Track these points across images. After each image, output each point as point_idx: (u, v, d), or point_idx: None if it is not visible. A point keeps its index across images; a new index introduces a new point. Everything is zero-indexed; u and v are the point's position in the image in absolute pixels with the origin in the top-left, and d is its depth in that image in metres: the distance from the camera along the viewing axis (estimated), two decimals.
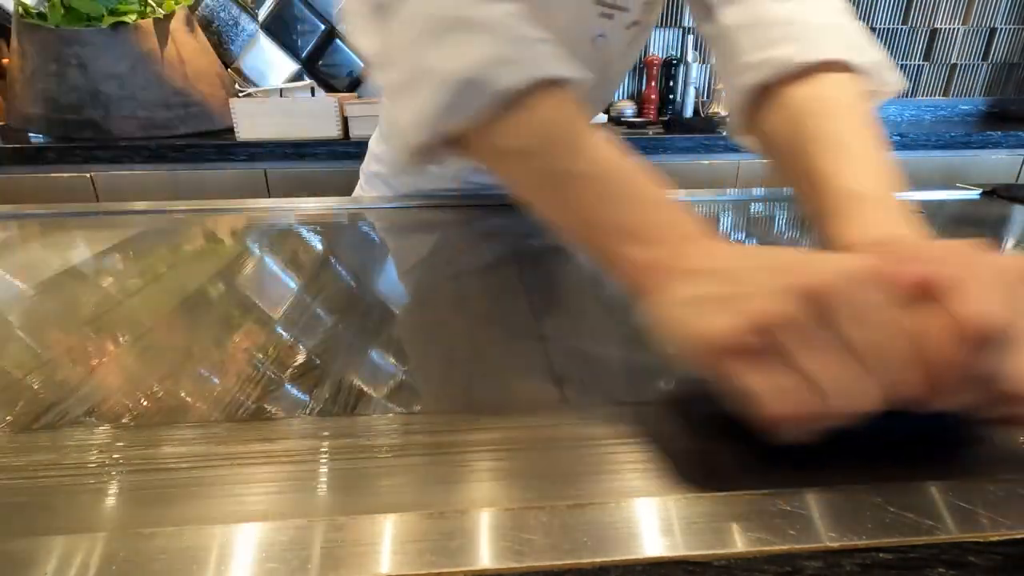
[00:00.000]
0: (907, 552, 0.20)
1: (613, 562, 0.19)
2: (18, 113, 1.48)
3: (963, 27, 2.08)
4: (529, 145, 0.32)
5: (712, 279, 0.25)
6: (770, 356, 0.22)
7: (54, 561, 0.19)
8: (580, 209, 0.31)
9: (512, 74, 0.32)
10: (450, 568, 0.19)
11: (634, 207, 0.30)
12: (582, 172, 0.31)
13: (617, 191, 0.30)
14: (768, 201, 0.80)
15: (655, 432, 0.27)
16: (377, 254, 0.59)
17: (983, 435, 0.26)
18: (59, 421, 0.28)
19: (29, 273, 0.52)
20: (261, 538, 0.20)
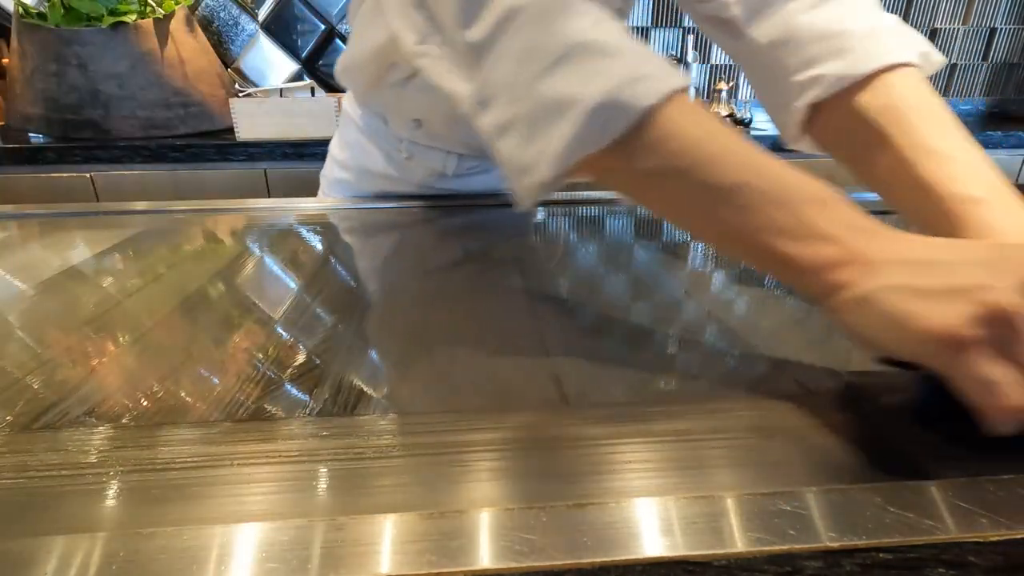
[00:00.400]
0: (907, 552, 0.20)
1: (613, 562, 0.19)
2: (18, 113, 1.48)
3: (963, 27, 2.08)
4: (675, 164, 0.32)
5: (926, 271, 0.26)
6: (998, 348, 0.24)
7: (54, 561, 0.19)
8: (738, 219, 0.30)
9: (649, 90, 0.31)
10: (450, 568, 0.19)
11: (802, 208, 0.30)
12: (740, 181, 0.30)
13: (774, 195, 0.30)
14: None
15: (655, 432, 0.27)
16: (377, 254, 0.59)
17: None
18: (59, 421, 0.28)
19: (29, 273, 0.52)
20: (261, 538, 0.20)
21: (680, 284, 0.48)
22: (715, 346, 0.36)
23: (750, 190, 0.30)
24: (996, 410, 0.23)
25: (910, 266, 0.27)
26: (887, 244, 0.28)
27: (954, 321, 0.24)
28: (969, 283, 0.25)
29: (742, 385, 0.32)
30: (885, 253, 0.28)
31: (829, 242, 0.29)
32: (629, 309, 0.43)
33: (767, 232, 0.30)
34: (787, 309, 0.42)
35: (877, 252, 0.28)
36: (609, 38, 0.33)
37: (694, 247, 0.59)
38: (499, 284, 0.49)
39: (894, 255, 0.28)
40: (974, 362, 0.24)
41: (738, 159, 0.31)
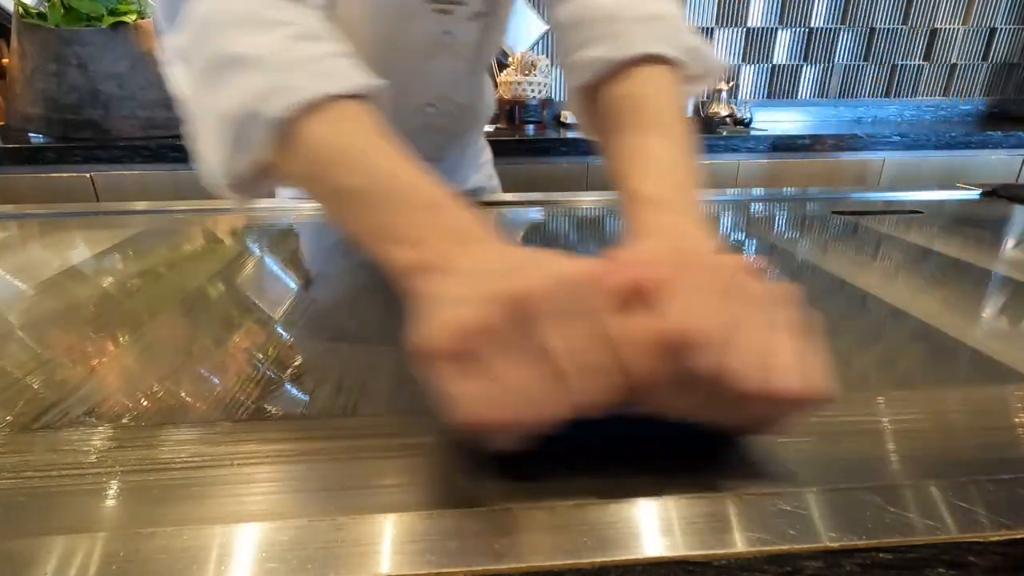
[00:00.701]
0: (907, 552, 0.20)
1: (613, 562, 0.19)
2: (18, 113, 1.48)
3: (963, 27, 2.08)
4: (309, 169, 0.33)
5: (457, 282, 0.25)
6: (474, 362, 0.22)
7: (54, 561, 0.19)
8: (359, 220, 0.31)
9: (280, 102, 0.32)
10: (450, 568, 0.19)
11: (402, 211, 0.29)
12: (356, 186, 0.31)
13: (389, 198, 0.30)
14: (768, 201, 0.80)
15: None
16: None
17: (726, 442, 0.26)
18: (59, 421, 0.28)
19: (29, 273, 0.52)
20: (261, 538, 0.20)
21: None
22: None
23: (367, 194, 0.30)
24: (461, 426, 0.22)
25: (461, 276, 0.25)
26: (467, 254, 0.27)
27: (426, 335, 0.23)
28: (462, 295, 0.23)
29: None
30: (457, 262, 0.26)
31: (415, 247, 0.28)
32: None
33: (375, 235, 0.30)
34: None
35: (451, 260, 0.26)
36: (265, 47, 0.34)
37: None
38: None
39: (464, 265, 0.26)
40: (439, 376, 0.22)
41: (363, 164, 0.31)
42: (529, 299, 0.22)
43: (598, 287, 0.23)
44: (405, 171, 0.31)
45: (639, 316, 0.22)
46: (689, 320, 0.22)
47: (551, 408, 0.22)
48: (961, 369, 0.34)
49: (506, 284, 0.22)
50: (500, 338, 0.22)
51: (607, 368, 0.22)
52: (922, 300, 0.43)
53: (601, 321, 0.22)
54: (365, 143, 0.32)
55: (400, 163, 0.31)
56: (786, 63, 2.11)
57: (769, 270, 0.27)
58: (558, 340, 0.22)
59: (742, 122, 1.93)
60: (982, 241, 0.59)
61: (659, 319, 0.22)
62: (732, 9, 2.00)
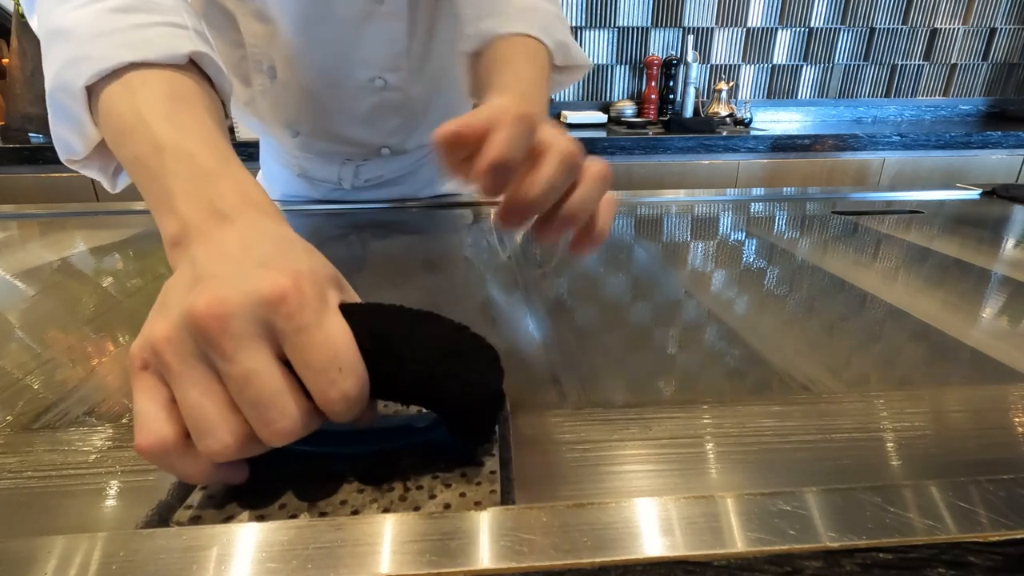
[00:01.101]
0: (907, 552, 0.20)
1: (613, 562, 0.19)
2: (18, 113, 1.48)
3: (963, 27, 2.08)
4: (109, 138, 0.33)
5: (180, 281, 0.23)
6: (160, 381, 0.21)
7: (54, 561, 0.19)
8: (144, 189, 0.30)
9: (83, 71, 0.32)
10: (450, 568, 0.19)
11: (174, 180, 0.28)
12: (140, 154, 0.30)
13: (164, 166, 0.29)
14: (768, 201, 0.80)
15: (655, 432, 0.27)
16: (378, 253, 0.59)
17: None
18: (59, 421, 0.28)
19: (29, 273, 0.52)
20: (261, 538, 0.20)
21: (680, 284, 0.48)
22: (715, 346, 0.36)
23: (149, 162, 0.29)
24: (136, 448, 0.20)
25: (197, 266, 0.23)
26: (220, 234, 0.25)
27: (137, 342, 0.21)
28: (170, 299, 0.22)
29: (742, 385, 0.32)
30: (208, 244, 0.24)
31: (176, 217, 0.27)
32: (629, 309, 0.43)
33: (152, 204, 0.29)
34: (787, 309, 0.42)
35: (205, 239, 0.25)
36: (78, 22, 0.34)
37: (694, 247, 0.59)
38: (499, 284, 0.49)
39: (211, 249, 0.24)
40: (136, 388, 0.21)
41: (146, 132, 0.30)
42: (211, 320, 0.20)
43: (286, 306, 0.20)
44: (187, 139, 0.30)
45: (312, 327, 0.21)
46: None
47: (220, 441, 0.20)
48: (961, 369, 0.34)
49: (199, 300, 0.20)
50: (178, 357, 0.20)
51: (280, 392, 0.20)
52: (922, 300, 0.43)
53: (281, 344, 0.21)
54: (153, 111, 0.31)
55: (184, 132, 0.30)
56: (786, 63, 2.11)
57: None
58: (231, 369, 0.20)
59: (742, 122, 1.93)
60: (982, 241, 0.59)
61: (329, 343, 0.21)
62: (732, 9, 2.00)
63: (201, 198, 0.27)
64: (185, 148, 0.29)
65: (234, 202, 0.27)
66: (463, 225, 0.69)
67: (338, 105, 0.68)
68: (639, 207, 0.77)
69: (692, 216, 0.72)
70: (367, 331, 0.22)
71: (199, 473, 0.21)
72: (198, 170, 0.28)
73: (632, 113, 2.01)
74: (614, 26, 2.00)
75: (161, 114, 0.31)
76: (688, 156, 1.64)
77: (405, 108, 0.70)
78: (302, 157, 0.75)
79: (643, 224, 0.69)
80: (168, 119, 0.31)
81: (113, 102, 0.32)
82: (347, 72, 0.65)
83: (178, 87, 0.33)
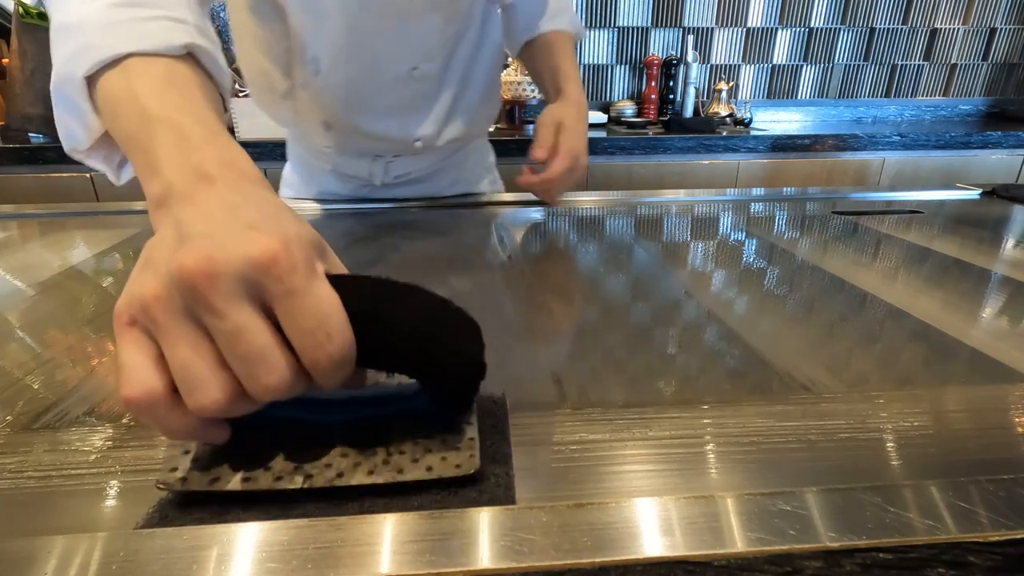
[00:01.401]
0: (907, 552, 0.20)
1: (613, 562, 0.19)
2: (18, 113, 1.48)
3: (963, 27, 2.08)
4: (107, 123, 0.34)
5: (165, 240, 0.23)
6: (147, 337, 0.21)
7: (54, 561, 0.19)
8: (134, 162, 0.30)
9: (84, 61, 0.34)
10: (450, 568, 0.19)
11: (160, 146, 0.28)
12: (131, 130, 0.31)
13: (153, 137, 0.29)
14: (768, 201, 0.80)
15: (655, 432, 0.27)
16: (376, 253, 0.59)
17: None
18: (59, 421, 0.28)
19: (29, 273, 0.52)
20: (261, 538, 0.20)
21: (680, 284, 0.48)
22: (715, 346, 0.36)
23: (139, 135, 0.30)
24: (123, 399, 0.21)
25: (167, 232, 0.23)
26: (204, 196, 0.25)
27: (123, 299, 0.22)
28: (156, 257, 0.22)
29: (742, 385, 0.32)
30: (192, 204, 0.25)
31: (159, 178, 0.27)
32: (629, 309, 0.43)
33: (140, 172, 0.29)
34: (787, 309, 0.42)
35: (189, 200, 0.25)
36: (83, 16, 0.35)
37: (694, 247, 0.59)
38: (499, 284, 0.49)
39: (196, 210, 0.24)
40: (121, 345, 0.21)
41: (137, 109, 0.31)
42: (201, 277, 0.20)
43: (277, 268, 0.21)
44: (177, 112, 0.30)
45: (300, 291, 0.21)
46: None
47: (209, 395, 0.20)
48: (961, 369, 0.34)
49: (188, 258, 0.20)
50: (168, 314, 0.21)
51: (268, 348, 0.21)
52: (922, 300, 0.43)
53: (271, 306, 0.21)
54: (146, 89, 0.32)
55: (174, 106, 0.31)
56: (786, 63, 2.11)
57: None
58: (221, 325, 0.20)
59: (742, 122, 1.93)
60: (982, 241, 0.59)
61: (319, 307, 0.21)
62: (732, 9, 2.00)
63: (186, 163, 0.27)
64: (174, 119, 0.30)
65: (219, 166, 0.27)
66: (472, 224, 0.69)
67: (375, 97, 0.70)
68: (639, 207, 0.77)
69: (692, 216, 0.72)
70: (355, 299, 0.22)
71: (184, 427, 0.21)
72: (184, 137, 0.29)
73: (632, 113, 2.01)
74: (614, 26, 2.00)
75: (153, 92, 0.32)
76: (688, 156, 1.64)
77: (437, 100, 0.73)
78: (334, 152, 0.77)
79: (643, 224, 0.69)
80: (159, 96, 0.32)
81: (110, 86, 0.33)
82: (388, 62, 0.67)
83: (174, 73, 0.34)
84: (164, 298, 0.21)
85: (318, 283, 0.22)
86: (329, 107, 0.70)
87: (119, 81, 0.33)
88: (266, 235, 0.22)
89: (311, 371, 0.22)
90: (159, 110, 0.30)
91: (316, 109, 0.71)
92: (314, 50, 0.65)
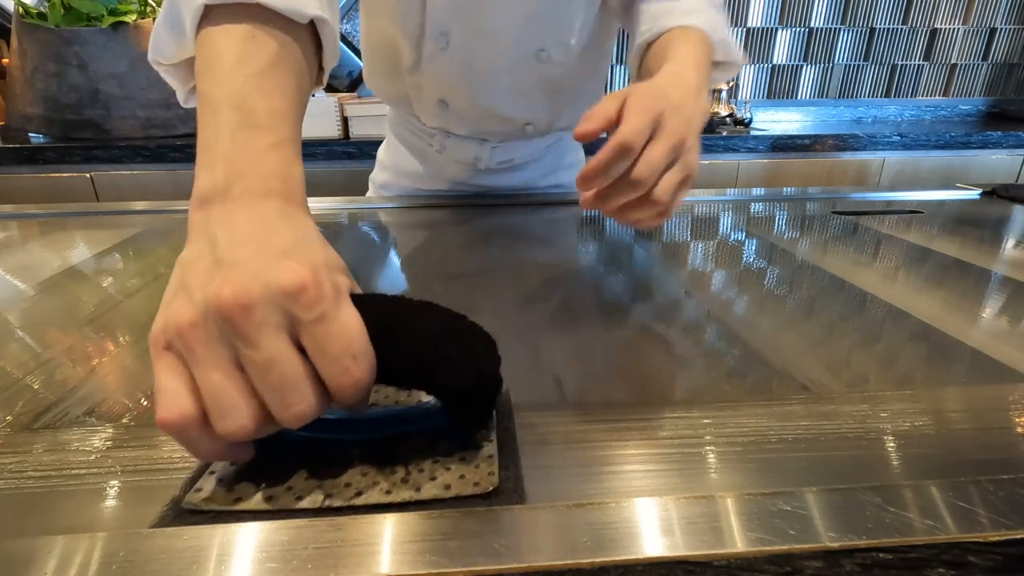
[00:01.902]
0: (907, 552, 0.20)
1: (613, 562, 0.19)
2: (18, 113, 1.48)
3: (963, 27, 2.08)
4: (198, 66, 0.33)
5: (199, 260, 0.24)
6: (181, 361, 0.22)
7: (54, 561, 0.19)
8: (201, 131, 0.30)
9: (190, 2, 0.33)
10: (450, 568, 0.19)
11: (230, 140, 0.28)
12: (213, 96, 0.30)
13: (225, 123, 0.29)
14: (768, 201, 0.80)
15: (655, 432, 0.27)
16: (377, 253, 0.59)
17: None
18: (59, 421, 0.28)
19: (29, 273, 0.52)
20: (261, 538, 0.20)
21: (680, 284, 0.48)
22: (715, 346, 0.36)
23: (214, 108, 0.29)
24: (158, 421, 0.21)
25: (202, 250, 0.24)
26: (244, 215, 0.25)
27: (159, 323, 0.22)
28: (191, 282, 0.22)
29: (742, 385, 0.32)
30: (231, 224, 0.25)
31: (212, 177, 0.27)
32: (629, 309, 0.43)
33: (201, 145, 0.29)
34: (787, 309, 0.42)
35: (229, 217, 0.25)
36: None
37: (694, 247, 0.59)
38: (499, 284, 0.49)
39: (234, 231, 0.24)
40: (158, 369, 0.22)
41: (229, 82, 0.30)
42: (237, 309, 0.21)
43: (307, 297, 0.21)
44: (259, 105, 0.30)
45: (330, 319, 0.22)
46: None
47: (236, 422, 0.21)
48: (961, 369, 0.34)
49: (224, 289, 0.21)
50: (201, 341, 0.21)
51: (298, 378, 0.21)
52: (922, 300, 0.43)
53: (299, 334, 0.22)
54: (245, 67, 0.31)
55: (259, 94, 0.30)
56: (786, 63, 2.11)
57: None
58: (254, 355, 0.21)
59: (742, 122, 1.93)
60: (982, 241, 0.59)
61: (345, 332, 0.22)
62: (732, 9, 2.00)
63: (244, 169, 0.27)
64: (254, 114, 0.29)
65: (272, 181, 0.27)
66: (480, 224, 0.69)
67: (498, 77, 0.69)
68: None
69: (692, 216, 0.72)
70: (373, 319, 0.23)
71: (213, 450, 0.22)
72: (252, 141, 0.28)
73: None
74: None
75: (253, 73, 0.31)
76: None
77: (560, 86, 0.72)
78: (445, 136, 0.77)
79: None
80: (258, 79, 0.31)
81: (219, 35, 0.32)
82: (517, 42, 0.67)
83: (281, 52, 0.33)
84: (199, 325, 0.21)
85: (344, 308, 0.22)
86: (450, 85, 0.70)
87: (227, 40, 0.32)
88: (296, 262, 0.22)
89: (334, 393, 0.22)
90: (245, 98, 0.30)
91: (437, 86, 0.71)
92: (445, 24, 0.65)
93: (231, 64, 0.31)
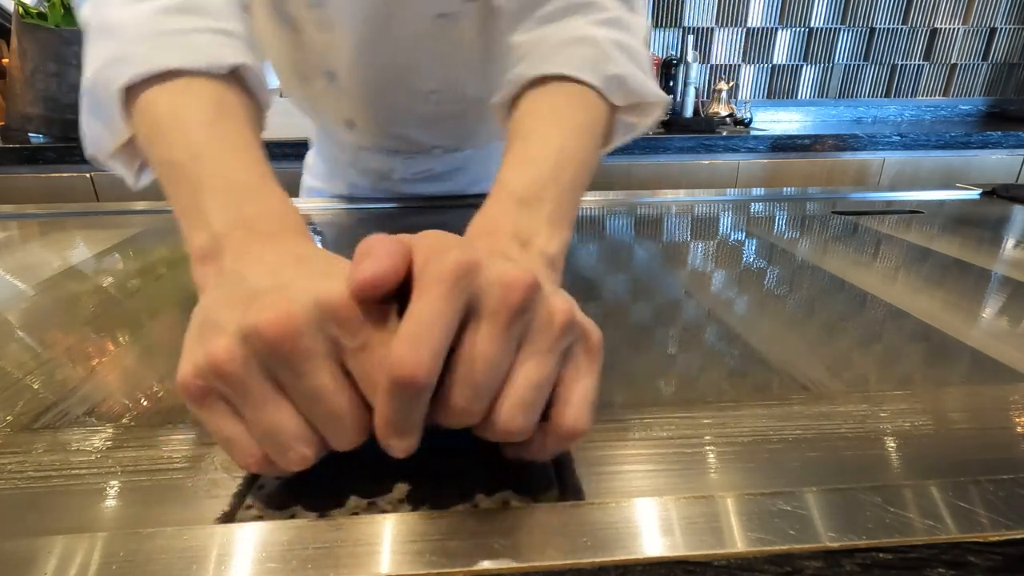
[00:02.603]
0: (907, 552, 0.20)
1: (613, 562, 0.19)
2: (18, 113, 1.48)
3: (963, 27, 2.08)
4: (143, 141, 0.32)
5: (225, 296, 0.22)
6: (223, 403, 0.21)
7: (54, 561, 0.19)
8: (173, 196, 0.29)
9: (124, 71, 0.32)
10: (450, 568, 0.19)
11: (206, 192, 0.28)
12: (175, 159, 0.29)
13: (199, 177, 0.28)
14: (768, 201, 0.80)
15: (655, 432, 0.27)
16: None
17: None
18: (59, 421, 0.28)
19: (29, 273, 0.52)
20: (261, 538, 0.20)
21: (680, 284, 0.48)
22: (715, 346, 0.36)
23: (182, 170, 0.29)
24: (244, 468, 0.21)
25: (226, 288, 0.23)
26: (260, 249, 0.25)
27: (187, 367, 0.21)
28: (220, 319, 0.21)
29: (742, 385, 0.32)
30: (249, 259, 0.24)
31: (206, 230, 0.26)
32: (629, 309, 0.43)
33: (180, 213, 0.29)
34: (787, 309, 0.42)
35: (243, 254, 0.24)
36: (128, 20, 0.34)
37: (694, 247, 0.59)
38: None
39: (257, 264, 0.24)
40: (208, 417, 0.21)
41: (184, 139, 0.30)
42: (281, 336, 0.19)
43: (345, 316, 0.20)
44: (226, 152, 0.30)
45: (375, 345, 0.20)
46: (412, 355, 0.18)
47: (299, 453, 0.20)
48: (961, 369, 0.34)
49: (265, 315, 0.19)
50: (241, 378, 0.20)
51: (348, 409, 0.20)
52: (922, 300, 0.43)
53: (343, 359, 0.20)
54: (192, 118, 0.31)
55: (224, 144, 0.30)
56: (786, 63, 2.11)
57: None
58: (296, 381, 0.20)
59: (742, 122, 1.93)
60: (982, 241, 0.59)
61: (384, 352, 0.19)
62: (732, 9, 2.00)
63: (238, 216, 0.27)
64: (224, 161, 0.29)
65: (271, 222, 0.27)
66: None
67: (396, 109, 0.69)
68: (639, 207, 0.77)
69: (692, 216, 0.72)
70: None
71: (276, 472, 0.22)
72: (235, 186, 0.28)
73: None
74: None
75: (203, 123, 0.31)
76: (688, 156, 1.64)
77: (461, 117, 0.71)
78: (356, 146, 0.76)
79: (643, 224, 0.69)
80: (208, 129, 0.30)
81: (152, 103, 0.32)
82: (407, 84, 0.65)
83: (221, 97, 0.33)
84: (239, 359, 0.19)
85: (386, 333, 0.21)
86: (348, 112, 0.70)
87: (164, 101, 0.32)
88: (338, 283, 0.20)
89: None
90: (208, 146, 0.29)
91: (337, 113, 0.71)
92: (329, 65, 0.65)
93: (185, 125, 0.30)
